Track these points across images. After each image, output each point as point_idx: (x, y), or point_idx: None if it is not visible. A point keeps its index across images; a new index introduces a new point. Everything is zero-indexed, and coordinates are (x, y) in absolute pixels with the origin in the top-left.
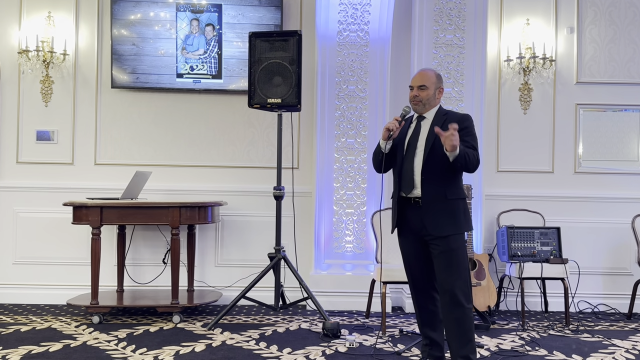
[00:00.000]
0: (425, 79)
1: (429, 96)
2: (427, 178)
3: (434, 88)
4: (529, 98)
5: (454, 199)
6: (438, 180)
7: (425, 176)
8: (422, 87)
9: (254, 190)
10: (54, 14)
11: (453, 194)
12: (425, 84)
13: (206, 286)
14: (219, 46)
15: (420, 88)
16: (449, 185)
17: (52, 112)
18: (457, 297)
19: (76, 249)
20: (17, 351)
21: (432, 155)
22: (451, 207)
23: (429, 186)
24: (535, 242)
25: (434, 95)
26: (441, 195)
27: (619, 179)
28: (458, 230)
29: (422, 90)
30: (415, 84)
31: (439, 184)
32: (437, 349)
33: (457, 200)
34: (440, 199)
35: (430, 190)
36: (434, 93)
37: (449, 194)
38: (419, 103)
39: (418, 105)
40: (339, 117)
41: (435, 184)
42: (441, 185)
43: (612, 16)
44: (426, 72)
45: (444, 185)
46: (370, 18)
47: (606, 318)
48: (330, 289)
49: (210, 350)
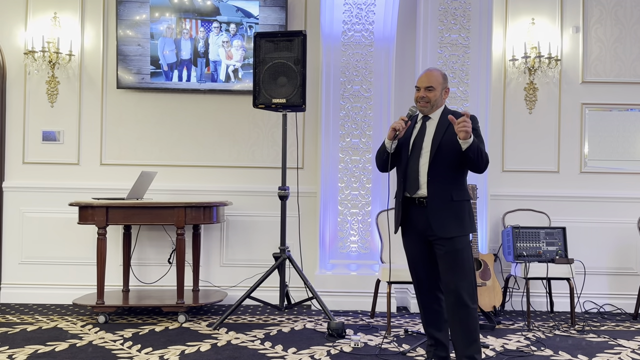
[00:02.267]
0: (433, 79)
1: (436, 97)
2: (433, 179)
3: (440, 89)
4: (534, 98)
5: (459, 200)
6: (444, 181)
7: (432, 177)
8: (430, 88)
9: (258, 190)
10: (59, 15)
11: (459, 196)
12: (433, 84)
13: (211, 286)
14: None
15: (428, 89)
16: (455, 187)
17: (58, 113)
18: (462, 297)
19: (82, 249)
20: (24, 351)
21: (438, 156)
22: (457, 208)
23: (435, 187)
24: (540, 242)
25: (440, 96)
26: (447, 196)
27: (625, 179)
28: (463, 231)
29: (429, 91)
30: (423, 85)
31: (445, 185)
32: (442, 349)
33: (463, 202)
34: (446, 200)
35: (436, 191)
36: (441, 94)
37: (454, 195)
38: (427, 104)
39: (426, 106)
40: (344, 117)
41: (442, 184)
42: (447, 186)
43: (617, 15)
44: (433, 72)
45: (450, 186)
46: (375, 18)
47: (612, 318)
48: (335, 289)
49: (215, 350)
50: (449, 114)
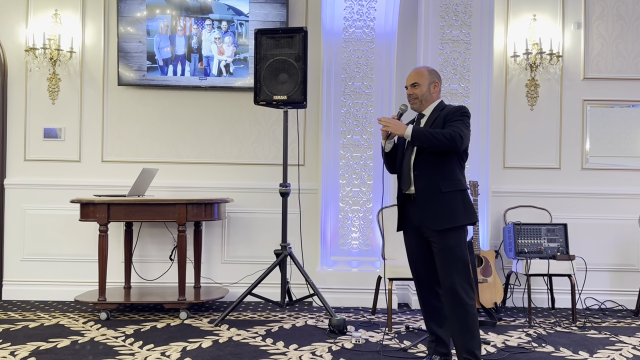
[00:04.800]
0: (418, 76)
1: (423, 92)
2: (420, 173)
3: (427, 83)
4: (535, 94)
5: (449, 191)
6: (430, 173)
7: (418, 171)
8: (415, 85)
9: (260, 187)
10: (60, 12)
11: (448, 186)
12: (418, 81)
13: (213, 283)
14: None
15: (413, 86)
16: (443, 178)
17: (59, 110)
18: (458, 293)
19: (83, 246)
20: (26, 347)
21: (422, 149)
22: (447, 199)
23: (422, 181)
24: (542, 239)
25: (428, 91)
26: (435, 188)
27: (626, 175)
28: (455, 222)
29: (415, 88)
30: (409, 83)
31: (432, 178)
32: (443, 345)
33: (454, 192)
34: (434, 192)
35: (423, 184)
36: (428, 88)
37: (443, 186)
38: (415, 100)
39: (415, 103)
40: (345, 113)
41: (428, 178)
42: (434, 179)
43: (619, 11)
44: (419, 69)
45: (437, 178)
46: (376, 14)
47: (613, 314)
48: (336, 286)
49: (217, 346)
50: (441, 109)
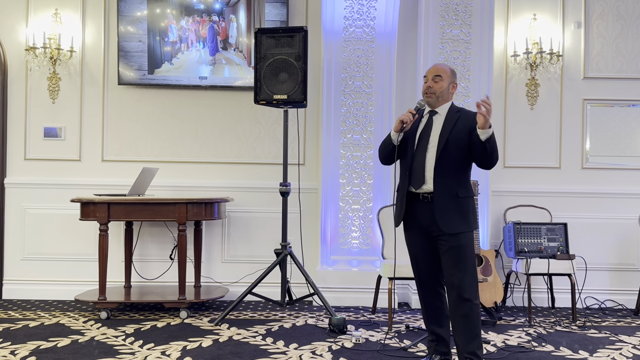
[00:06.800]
0: (441, 70)
1: (442, 89)
2: (440, 174)
3: (448, 81)
4: (536, 93)
5: (464, 197)
6: (450, 177)
7: (438, 172)
8: (437, 78)
9: (260, 187)
10: (60, 11)
11: (464, 192)
12: (441, 74)
13: (213, 282)
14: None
15: (435, 79)
16: (461, 183)
17: (59, 109)
18: (465, 293)
19: (84, 245)
20: (26, 346)
21: (445, 151)
22: (462, 205)
23: (441, 182)
24: (542, 238)
25: (447, 89)
26: (453, 192)
27: (626, 175)
28: (468, 227)
29: (436, 81)
30: (430, 74)
31: (451, 181)
32: (443, 344)
33: (468, 199)
34: (452, 196)
35: (442, 186)
36: (448, 87)
37: (460, 192)
38: (432, 95)
39: (431, 97)
40: (345, 113)
41: (448, 180)
42: (453, 182)
43: (619, 11)
44: (442, 65)
45: (456, 182)
46: (376, 13)
47: (613, 314)
48: (336, 285)
49: (217, 345)
50: (457, 111)
